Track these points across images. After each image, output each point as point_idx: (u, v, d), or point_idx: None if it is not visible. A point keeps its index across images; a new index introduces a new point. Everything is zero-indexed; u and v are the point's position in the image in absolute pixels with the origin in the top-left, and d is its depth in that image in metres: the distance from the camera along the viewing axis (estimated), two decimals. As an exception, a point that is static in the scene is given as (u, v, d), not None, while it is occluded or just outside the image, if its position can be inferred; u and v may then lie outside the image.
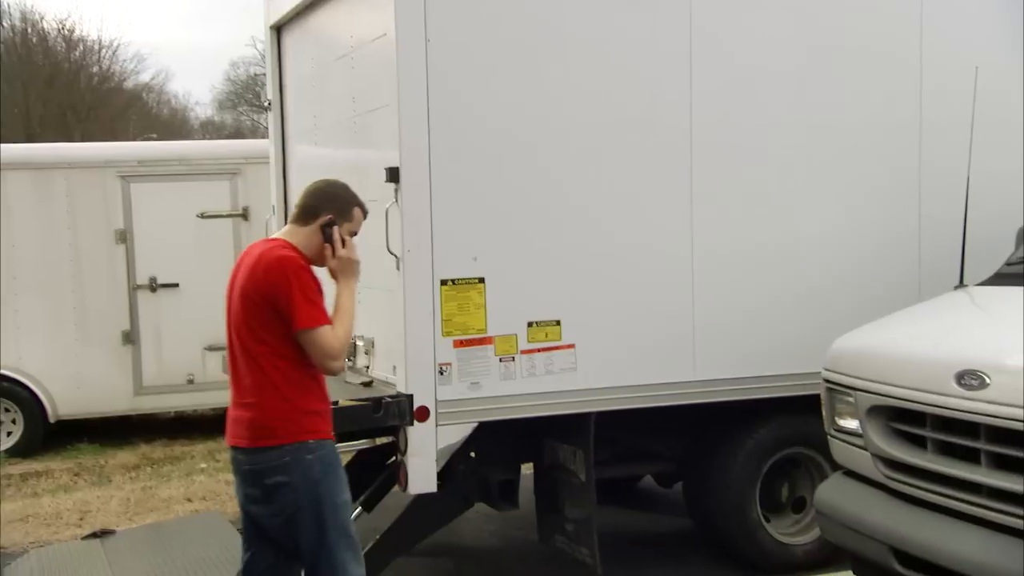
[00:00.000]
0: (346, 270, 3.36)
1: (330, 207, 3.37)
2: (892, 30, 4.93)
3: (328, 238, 3.33)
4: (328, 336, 3.17)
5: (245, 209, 8.52)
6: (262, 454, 3.18)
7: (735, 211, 4.68)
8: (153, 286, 8.42)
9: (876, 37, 4.91)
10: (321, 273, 3.37)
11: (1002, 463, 3.05)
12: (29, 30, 25.55)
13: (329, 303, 3.30)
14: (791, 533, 4.97)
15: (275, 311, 3.16)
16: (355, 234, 3.41)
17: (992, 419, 3.03)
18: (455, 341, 4.21)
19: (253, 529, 3.34)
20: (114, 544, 4.92)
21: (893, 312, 3.99)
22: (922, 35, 4.94)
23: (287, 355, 3.18)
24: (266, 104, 6.10)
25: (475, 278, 4.24)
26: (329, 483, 3.21)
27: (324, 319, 3.19)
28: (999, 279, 3.93)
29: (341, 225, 3.36)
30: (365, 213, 3.49)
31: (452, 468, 4.43)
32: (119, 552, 4.78)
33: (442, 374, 4.19)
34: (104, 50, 28.81)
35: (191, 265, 8.43)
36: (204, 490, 6.89)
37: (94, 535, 5.11)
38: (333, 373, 3.30)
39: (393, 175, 4.14)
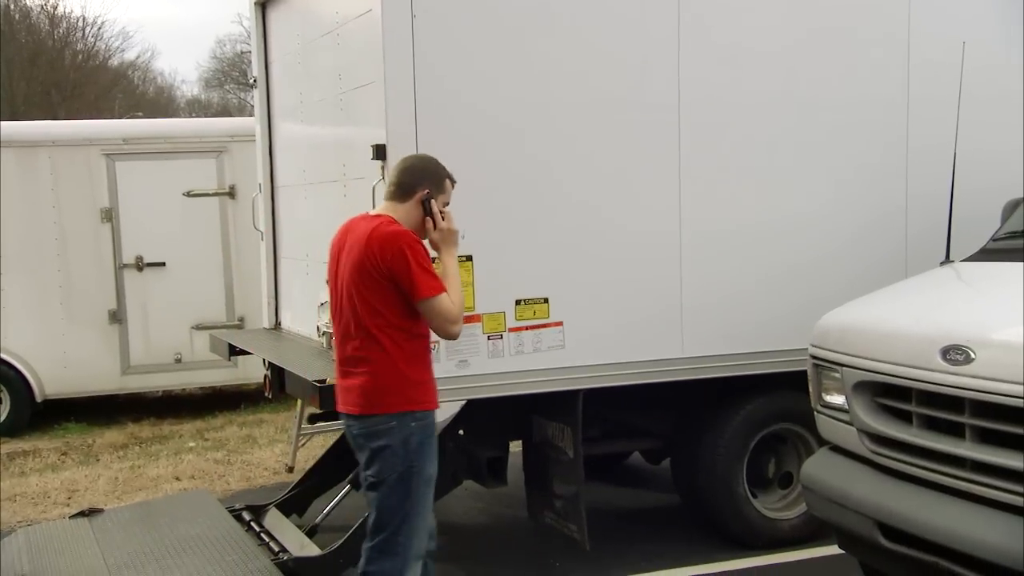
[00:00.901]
0: (447, 240, 3.54)
1: (426, 182, 3.51)
2: (880, 7, 4.92)
3: (428, 211, 3.50)
4: (446, 303, 3.36)
5: (232, 187, 8.47)
6: (371, 420, 3.38)
7: (722, 189, 4.68)
8: (140, 265, 8.38)
9: (863, 15, 4.90)
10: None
11: (986, 437, 3.08)
12: (11, 6, 25.23)
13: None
14: (778, 508, 5.01)
15: (393, 284, 3.33)
16: (447, 204, 3.57)
17: (977, 394, 3.05)
18: (443, 319, 4.20)
19: None
20: (102, 523, 4.91)
21: (881, 288, 4.00)
22: (910, 11, 4.93)
23: (401, 326, 3.36)
24: (252, 81, 6.05)
25: (462, 256, 4.21)
26: (424, 453, 3.41)
27: (441, 287, 3.37)
28: (985, 255, 3.94)
29: (436, 198, 3.52)
30: (454, 184, 3.62)
31: (440, 446, 4.42)
32: (107, 531, 4.78)
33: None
34: (88, 27, 28.54)
35: (178, 244, 8.41)
36: (193, 469, 6.89)
37: (82, 514, 5.09)
38: (454, 337, 3.48)
39: (380, 152, 4.11)
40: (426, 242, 3.51)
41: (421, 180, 3.51)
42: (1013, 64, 5.09)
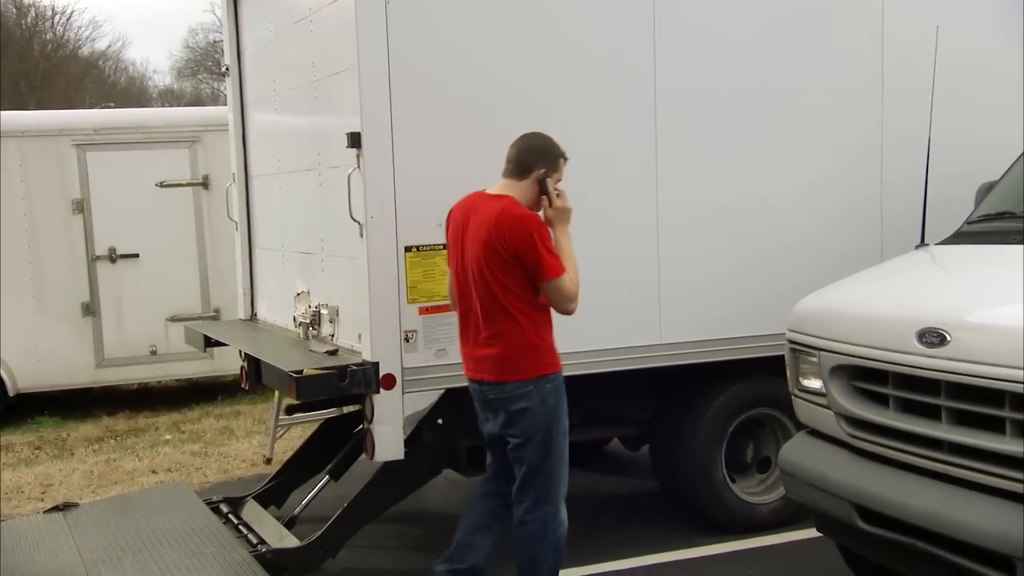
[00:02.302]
0: (562, 218, 3.73)
1: (542, 161, 3.71)
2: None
3: (544, 190, 3.69)
4: (567, 282, 3.60)
5: (205, 177, 8.39)
6: (509, 385, 3.65)
7: (699, 175, 4.68)
8: (113, 256, 8.29)
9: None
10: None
11: (962, 419, 3.09)
12: (-23, -4, 24.83)
13: None
14: (756, 493, 5.04)
15: (520, 263, 3.57)
16: (559, 181, 3.75)
17: (952, 376, 3.07)
18: (420, 308, 4.19)
19: (498, 457, 3.87)
20: (77, 517, 4.86)
21: (857, 272, 4.02)
22: (884, -2, 4.96)
23: (528, 299, 3.63)
24: (224, 70, 5.98)
25: (440, 244, 4.20)
26: (560, 410, 3.71)
27: (562, 268, 3.60)
28: (959, 238, 3.97)
29: (552, 176, 3.70)
30: (566, 161, 3.79)
31: (419, 435, 4.43)
32: (82, 525, 4.72)
33: (408, 341, 4.16)
34: (58, 16, 28.18)
35: (151, 235, 8.33)
36: (169, 461, 6.84)
37: (56, 509, 5.04)
38: (570, 313, 3.69)
39: (355, 140, 4.08)
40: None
41: (538, 159, 3.71)
42: (987, 49, 5.12)
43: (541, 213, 3.72)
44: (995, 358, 2.95)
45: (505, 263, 3.58)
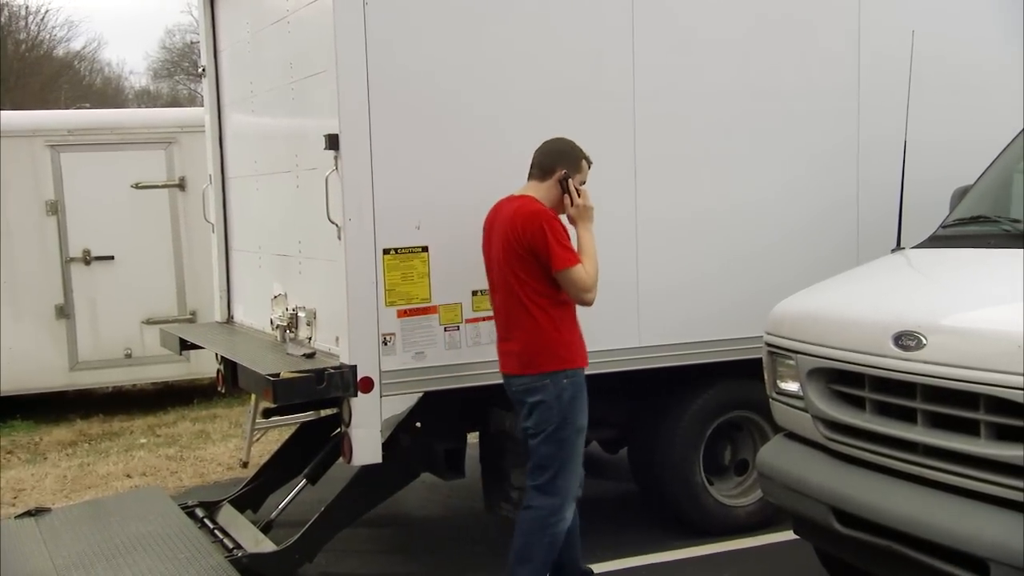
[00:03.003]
0: (583, 216, 3.90)
1: (563, 163, 3.89)
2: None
3: (565, 190, 3.86)
4: (580, 273, 3.74)
5: (182, 179, 8.33)
6: (527, 378, 3.83)
7: (678, 177, 4.70)
8: (87, 259, 8.20)
9: (815, 4, 4.94)
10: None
11: (937, 422, 3.11)
12: (-50, -5, 24.55)
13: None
14: (734, 495, 5.05)
15: (535, 257, 3.74)
16: (583, 183, 3.92)
17: (928, 379, 3.09)
18: (399, 311, 4.17)
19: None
20: (49, 522, 4.80)
21: (833, 275, 4.04)
22: (861, 1, 4.99)
23: (547, 294, 3.77)
24: (201, 71, 5.93)
25: (418, 247, 4.19)
26: (576, 406, 3.82)
27: (576, 260, 3.75)
28: (935, 241, 4.00)
29: (573, 177, 3.88)
30: (590, 164, 3.96)
31: (397, 438, 4.40)
32: (55, 530, 4.67)
33: (386, 344, 4.14)
34: (31, 16, 27.86)
35: (127, 237, 8.25)
36: (144, 465, 6.77)
37: (28, 514, 4.97)
38: (588, 304, 3.82)
39: (332, 142, 4.05)
40: (564, 218, 3.87)
41: (559, 161, 3.89)
42: (962, 55, 5.17)
43: (564, 214, 3.89)
44: (970, 361, 2.97)
45: (522, 259, 3.76)
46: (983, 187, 4.10)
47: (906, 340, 3.18)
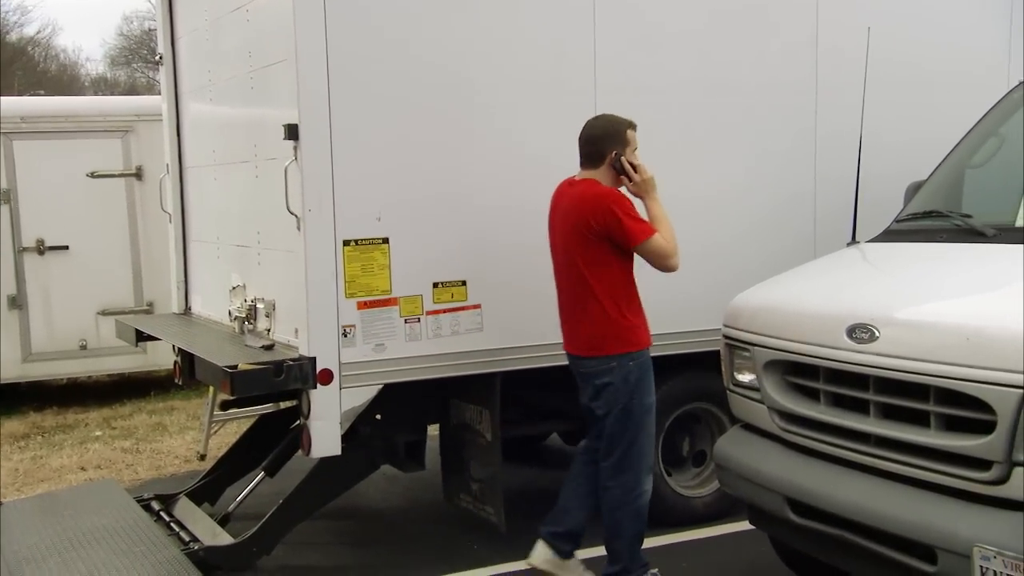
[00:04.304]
0: (645, 188, 3.96)
1: (609, 143, 3.93)
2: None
3: (621, 170, 3.91)
4: (659, 241, 3.83)
5: (138, 168, 8.21)
6: (594, 361, 3.93)
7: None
8: (41, 248, 8.06)
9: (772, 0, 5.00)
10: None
11: (889, 413, 3.17)
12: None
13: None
14: (692, 486, 5.10)
15: (608, 240, 3.81)
16: (635, 150, 3.97)
17: (881, 371, 3.14)
18: (359, 303, 4.15)
19: (595, 426, 4.07)
20: (1, 516, 4.72)
21: (791, 268, 4.09)
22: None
23: (612, 280, 3.88)
24: (158, 59, 5.85)
25: (379, 238, 4.18)
26: (643, 386, 3.95)
27: (652, 230, 3.83)
28: (888, 236, 4.06)
29: (624, 152, 3.91)
30: (635, 126, 3.99)
31: (357, 430, 4.39)
32: (6, 524, 4.59)
33: (346, 336, 4.13)
34: (-17, 0, 27.20)
35: (82, 226, 8.12)
36: (99, 458, 6.68)
37: (-20, 508, 4.89)
38: (674, 269, 3.91)
39: (292, 132, 4.02)
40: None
41: (604, 144, 3.93)
42: (918, 52, 5.26)
43: (624, 190, 3.94)
44: (920, 354, 3.03)
45: (591, 242, 3.83)
46: (935, 183, 4.17)
47: (859, 332, 3.23)
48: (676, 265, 3.90)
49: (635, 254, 3.89)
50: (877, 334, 3.18)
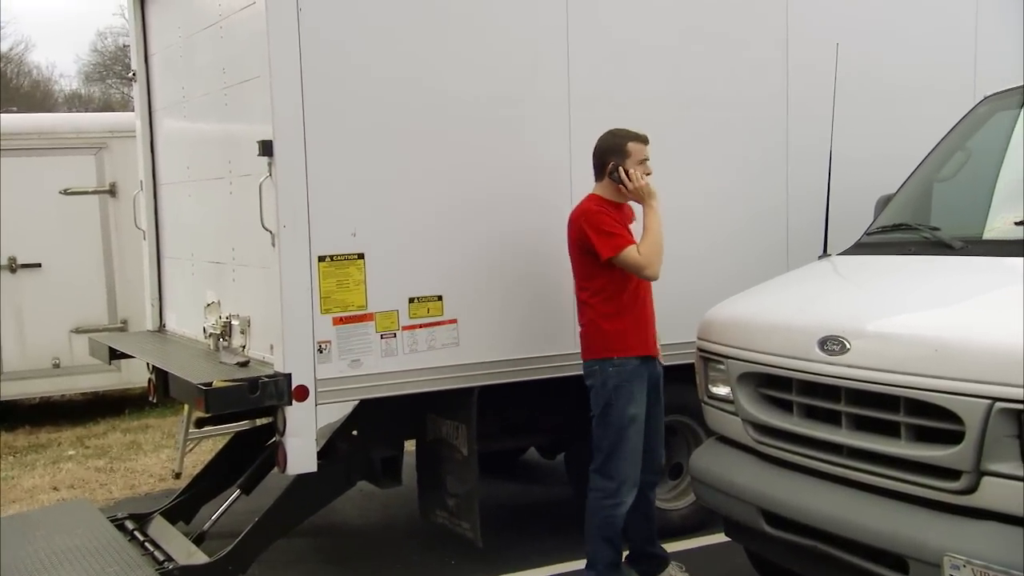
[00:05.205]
0: (642, 196, 4.12)
1: (609, 156, 4.12)
2: (760, 9, 5.09)
3: (617, 180, 4.08)
4: (630, 254, 3.99)
5: (112, 185, 8.17)
6: (584, 364, 4.20)
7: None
8: (13, 266, 7.99)
9: (743, 16, 5.05)
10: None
11: (861, 424, 3.20)
12: None
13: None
14: (668, 499, 5.12)
15: (587, 253, 4.04)
16: (644, 161, 4.14)
17: (852, 382, 3.17)
18: (334, 318, 4.14)
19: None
20: (-27, 538, 4.65)
21: (764, 281, 4.13)
22: (788, 13, 5.12)
23: (594, 289, 4.10)
24: (131, 75, 5.83)
25: (354, 254, 4.18)
26: (622, 393, 4.07)
27: (623, 244, 3.99)
28: (859, 248, 4.11)
29: (624, 163, 4.08)
30: (642, 139, 4.16)
31: (333, 446, 4.38)
32: (-20, 546, 4.53)
33: (321, 352, 4.12)
34: (-45, 16, 26.94)
35: (55, 244, 8.07)
36: (72, 478, 6.60)
37: (-50, 529, 4.81)
38: (651, 279, 4.09)
39: (266, 148, 4.02)
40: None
41: (604, 156, 4.14)
42: (886, 68, 5.34)
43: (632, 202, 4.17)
44: (891, 365, 3.07)
45: (578, 255, 4.12)
46: (904, 196, 4.23)
47: (831, 344, 3.26)
48: (652, 275, 4.06)
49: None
50: (848, 346, 3.21)
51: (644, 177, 4.12)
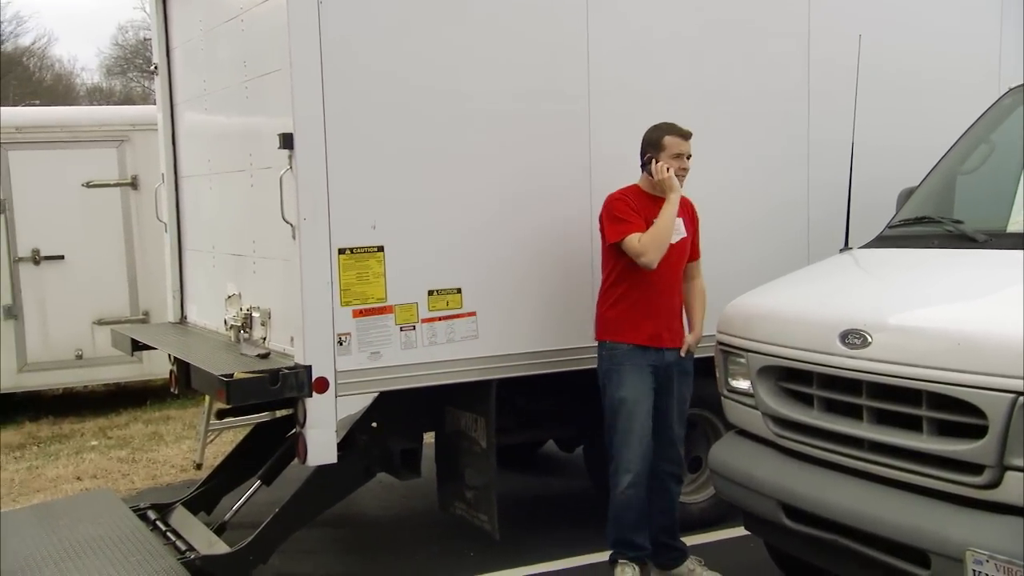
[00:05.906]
0: (663, 188, 4.20)
1: (647, 150, 4.26)
2: (781, 1, 5.05)
3: (649, 173, 4.22)
4: (632, 242, 4.09)
5: (134, 178, 8.23)
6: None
7: (632, 177, 4.72)
8: (36, 258, 8.06)
9: (765, 8, 5.02)
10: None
11: (882, 418, 3.18)
12: None
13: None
14: (687, 492, 5.09)
15: (602, 238, 4.23)
16: (680, 156, 4.23)
17: (873, 376, 3.16)
18: (354, 311, 4.16)
19: None
20: (-2, 527, 4.71)
21: (785, 274, 4.11)
22: (810, 5, 5.08)
23: (606, 273, 4.29)
24: (153, 69, 5.86)
25: (374, 246, 4.19)
26: (612, 378, 4.21)
27: (627, 231, 4.10)
28: (881, 241, 4.08)
29: (659, 156, 4.20)
30: (682, 134, 4.24)
31: (353, 438, 4.40)
32: (3, 534, 4.58)
33: (341, 344, 4.13)
34: (-23, 12, 27.18)
35: (77, 236, 8.14)
36: (95, 468, 6.67)
37: (-25, 518, 4.88)
38: (646, 267, 4.11)
39: (287, 141, 4.03)
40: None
41: (645, 147, 4.27)
42: (908, 60, 5.29)
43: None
44: (913, 359, 3.05)
45: (601, 241, 4.26)
46: (927, 189, 4.19)
47: (852, 338, 3.25)
48: (647, 263, 4.09)
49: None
50: (870, 340, 3.20)
51: (668, 170, 4.16)
